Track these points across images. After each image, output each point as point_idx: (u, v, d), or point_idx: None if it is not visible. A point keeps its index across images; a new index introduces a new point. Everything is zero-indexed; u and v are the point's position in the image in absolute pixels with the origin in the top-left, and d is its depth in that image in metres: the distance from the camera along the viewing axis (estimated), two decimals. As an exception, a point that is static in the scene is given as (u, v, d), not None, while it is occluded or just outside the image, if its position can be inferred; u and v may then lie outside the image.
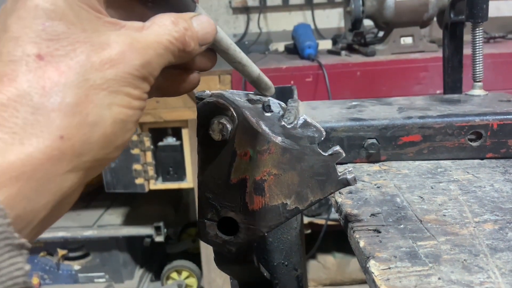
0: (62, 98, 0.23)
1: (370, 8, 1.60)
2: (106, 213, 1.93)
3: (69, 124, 0.23)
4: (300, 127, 0.37)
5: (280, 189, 0.38)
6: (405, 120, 0.55)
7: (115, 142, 0.26)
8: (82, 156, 0.24)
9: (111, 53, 0.25)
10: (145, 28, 0.28)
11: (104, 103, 0.25)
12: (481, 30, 0.67)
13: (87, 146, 0.24)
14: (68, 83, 0.24)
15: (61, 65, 0.24)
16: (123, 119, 0.26)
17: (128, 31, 0.27)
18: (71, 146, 0.24)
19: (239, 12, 2.26)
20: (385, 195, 0.47)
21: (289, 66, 1.56)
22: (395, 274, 0.32)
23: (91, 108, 0.24)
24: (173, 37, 0.28)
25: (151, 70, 0.27)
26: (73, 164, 0.24)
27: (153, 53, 0.27)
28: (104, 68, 0.25)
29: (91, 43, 0.25)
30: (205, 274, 1.78)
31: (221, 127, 0.35)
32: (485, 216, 0.41)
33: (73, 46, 0.24)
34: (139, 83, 0.27)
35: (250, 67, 0.35)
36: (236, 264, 0.43)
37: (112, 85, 0.25)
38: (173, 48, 0.28)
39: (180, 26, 0.28)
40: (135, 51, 0.26)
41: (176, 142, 1.67)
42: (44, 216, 0.24)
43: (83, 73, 0.24)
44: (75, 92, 0.24)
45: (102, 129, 0.25)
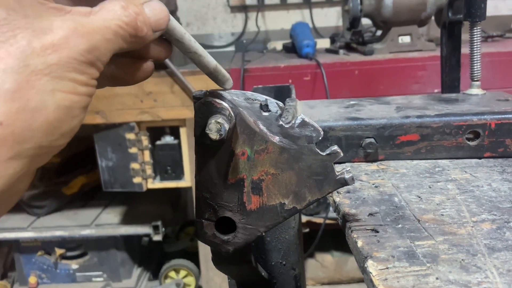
0: (0, 84, 0.23)
1: (368, 6, 1.60)
2: (104, 212, 1.93)
3: (9, 110, 0.23)
4: (298, 126, 0.37)
5: (277, 188, 0.38)
6: (403, 119, 0.55)
7: (61, 129, 0.26)
8: (24, 143, 0.24)
9: (53, 38, 0.25)
10: (92, 13, 0.27)
11: (46, 88, 0.24)
12: (479, 29, 0.67)
13: (29, 132, 0.24)
14: (7, 69, 0.23)
15: (0, 51, 0.23)
16: (67, 105, 0.25)
17: (73, 16, 0.26)
18: (11, 132, 0.23)
19: (237, 10, 2.25)
20: (383, 195, 0.47)
21: (287, 65, 1.56)
22: (393, 274, 0.32)
23: (32, 94, 0.24)
24: (123, 22, 0.28)
25: (99, 55, 0.27)
26: (15, 151, 0.23)
27: (100, 37, 0.26)
28: (46, 53, 0.24)
29: (33, 28, 0.24)
30: (203, 273, 1.78)
31: (218, 127, 0.35)
32: (483, 216, 0.41)
33: (13, 32, 0.24)
34: (85, 69, 0.26)
35: (206, 58, 0.34)
36: (234, 264, 0.43)
37: (55, 71, 0.25)
38: (124, 33, 0.28)
39: (130, 11, 0.28)
40: (80, 35, 0.26)
41: (174, 141, 1.66)
42: None
43: (24, 58, 0.24)
44: (15, 77, 0.23)
45: (44, 115, 0.24)
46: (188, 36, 0.33)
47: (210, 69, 0.35)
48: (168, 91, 1.54)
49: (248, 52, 1.91)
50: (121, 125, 1.59)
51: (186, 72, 1.53)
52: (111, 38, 0.27)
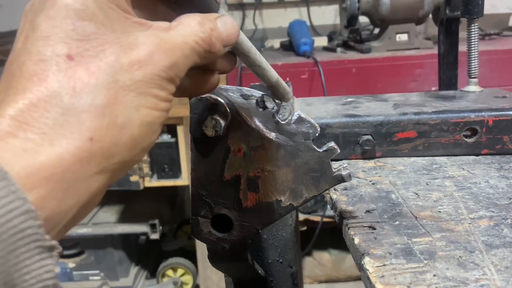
0: (92, 99, 0.23)
1: (365, 4, 1.60)
2: (101, 210, 1.92)
3: (99, 125, 0.23)
4: (294, 123, 0.37)
5: (274, 185, 0.37)
6: (400, 116, 0.55)
7: (142, 144, 0.26)
8: (110, 158, 0.24)
9: (139, 54, 0.25)
10: (171, 28, 0.27)
11: (132, 104, 0.25)
12: (476, 26, 0.66)
13: (116, 148, 0.24)
14: (98, 84, 0.24)
15: (91, 65, 0.24)
16: (150, 121, 0.26)
17: (155, 32, 0.27)
18: (100, 147, 0.23)
19: (234, 8, 2.25)
20: (380, 192, 0.46)
21: (284, 63, 1.56)
22: (390, 271, 0.32)
23: (120, 110, 0.24)
24: (199, 38, 0.28)
25: (178, 72, 0.27)
26: (102, 166, 0.24)
27: (180, 54, 0.27)
28: (133, 69, 0.25)
29: (120, 43, 0.25)
30: (200, 272, 1.77)
31: (214, 123, 0.35)
32: (481, 213, 0.41)
33: (102, 46, 0.24)
34: (166, 85, 0.27)
35: (269, 72, 0.35)
36: (230, 261, 0.43)
37: (140, 87, 0.25)
38: (199, 49, 0.28)
39: (206, 27, 0.28)
40: (162, 52, 0.26)
41: (171, 139, 1.66)
42: (71, 217, 0.24)
43: (113, 74, 0.24)
44: (105, 93, 0.24)
45: (130, 131, 0.25)
46: (254, 49, 0.33)
47: (272, 83, 0.36)
48: (165, 89, 1.53)
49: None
50: (118, 123, 1.58)
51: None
52: (189, 54, 0.27)
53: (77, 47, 0.24)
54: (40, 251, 0.20)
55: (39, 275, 0.20)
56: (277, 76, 0.35)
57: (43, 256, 0.20)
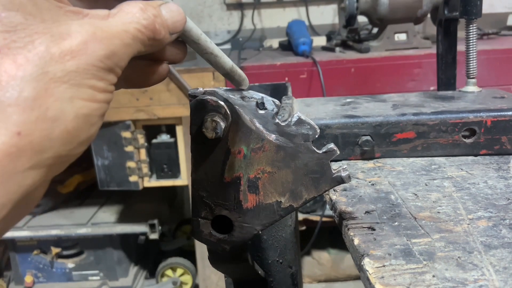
0: (19, 92, 0.22)
1: (364, 4, 1.60)
2: (100, 210, 1.92)
3: (27, 119, 0.22)
4: (294, 124, 0.37)
5: (274, 187, 0.38)
6: (399, 117, 0.55)
7: (79, 138, 0.25)
8: (42, 153, 0.23)
9: (72, 44, 0.24)
10: (110, 16, 0.26)
11: (65, 96, 0.24)
12: (475, 26, 0.67)
13: (48, 142, 0.23)
14: (26, 76, 0.22)
15: (18, 57, 0.23)
16: (86, 113, 0.25)
17: (91, 20, 0.26)
18: (30, 142, 0.22)
19: (233, 8, 2.25)
20: (380, 192, 0.47)
21: (283, 63, 1.56)
22: (390, 272, 0.32)
23: (51, 102, 0.23)
24: (141, 25, 0.27)
25: (117, 61, 0.26)
26: (34, 161, 0.23)
27: (119, 42, 0.26)
28: (65, 60, 0.24)
29: (51, 33, 0.24)
30: (200, 271, 1.78)
31: (214, 125, 0.35)
32: (479, 213, 0.41)
33: (31, 37, 0.23)
34: (104, 75, 0.25)
35: (222, 58, 0.34)
36: (230, 262, 0.43)
37: (74, 78, 0.24)
38: (142, 36, 0.27)
39: (149, 13, 0.27)
40: (98, 41, 0.25)
41: (170, 139, 1.66)
42: (4, 216, 0.23)
43: (42, 65, 0.23)
44: (34, 85, 0.23)
45: (63, 124, 0.24)
46: (204, 37, 0.32)
47: (226, 70, 0.35)
48: (164, 89, 1.54)
49: (244, 50, 1.91)
50: (117, 123, 1.58)
51: (182, 70, 1.52)
52: (130, 43, 0.26)
53: (3, 38, 0.23)
54: None
55: None
56: (231, 63, 0.35)
57: None
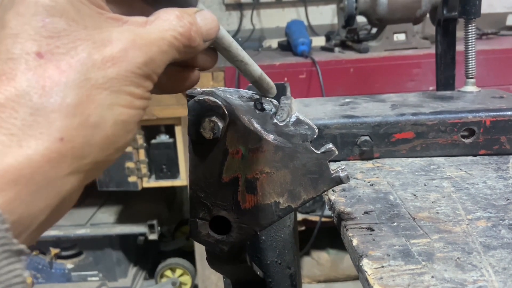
0: (62, 98, 0.23)
1: (363, 4, 1.60)
2: (99, 211, 1.92)
3: (70, 125, 0.23)
4: (292, 124, 0.36)
5: (272, 187, 0.37)
6: (398, 117, 0.55)
7: (116, 144, 0.25)
8: (82, 159, 0.23)
9: (113, 51, 0.24)
10: (148, 23, 0.27)
11: (105, 103, 0.24)
12: (473, 26, 0.67)
13: (88, 148, 0.24)
14: (69, 83, 0.23)
15: (61, 63, 0.23)
16: (124, 120, 0.25)
17: (131, 27, 0.26)
18: (71, 148, 0.23)
19: (232, 8, 2.25)
20: (378, 193, 0.46)
21: (282, 63, 1.56)
22: (388, 272, 0.32)
23: (92, 109, 0.23)
24: (178, 33, 0.27)
25: (155, 68, 0.26)
26: (73, 167, 0.23)
27: (157, 50, 0.26)
28: (106, 67, 0.24)
29: (93, 40, 0.24)
30: (199, 272, 1.77)
31: (212, 125, 0.35)
32: (478, 213, 0.41)
33: (74, 43, 0.23)
34: (142, 82, 0.26)
35: (252, 66, 0.34)
36: (229, 263, 0.43)
37: (114, 84, 0.24)
38: (178, 44, 0.27)
39: (185, 21, 0.28)
40: (138, 48, 0.25)
41: (169, 140, 1.66)
42: (43, 220, 0.23)
43: (85, 71, 0.23)
44: (76, 92, 0.23)
45: (104, 130, 0.24)
46: (235, 44, 0.32)
47: (255, 78, 0.35)
48: (163, 89, 1.53)
49: (244, 50, 1.91)
50: (116, 123, 1.58)
51: (181, 70, 1.52)
52: (167, 50, 0.27)
53: (47, 44, 0.23)
54: (8, 255, 0.20)
55: (7, 279, 0.20)
56: (260, 71, 0.35)
57: (11, 261, 0.20)
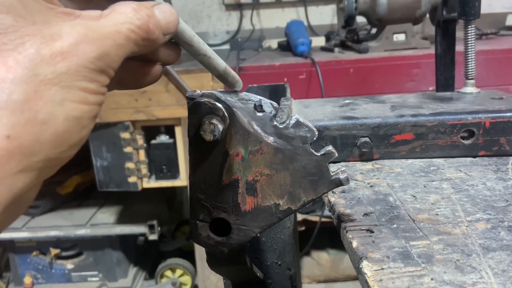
0: (8, 95, 0.22)
1: (363, 4, 1.60)
2: (99, 211, 1.92)
3: (17, 122, 0.22)
4: (292, 127, 0.37)
5: (272, 189, 0.37)
6: (398, 118, 0.55)
7: (70, 140, 0.25)
8: (32, 156, 0.23)
9: (62, 45, 0.24)
10: (103, 16, 0.26)
11: (55, 99, 0.23)
12: (473, 27, 0.67)
13: (38, 145, 0.23)
14: (15, 79, 0.22)
15: (8, 59, 0.22)
16: (77, 116, 0.25)
17: (83, 21, 0.25)
18: (20, 145, 0.22)
19: (232, 8, 2.25)
20: (378, 194, 0.47)
21: (282, 63, 1.56)
22: (388, 274, 0.32)
23: (41, 105, 0.23)
24: (135, 26, 0.27)
25: (110, 62, 0.26)
26: (24, 164, 0.23)
27: (111, 43, 0.25)
28: (55, 62, 0.23)
29: (42, 35, 0.23)
30: (199, 272, 1.78)
31: (212, 128, 0.35)
32: (478, 215, 0.41)
33: (22, 39, 0.23)
34: (96, 76, 0.25)
35: (215, 60, 0.34)
36: (229, 265, 0.43)
37: (65, 80, 0.24)
38: (135, 37, 0.27)
39: (142, 13, 0.27)
40: (90, 42, 0.24)
41: (169, 140, 1.66)
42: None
43: (33, 67, 0.23)
44: (24, 88, 0.22)
45: (54, 127, 0.23)
46: (197, 38, 0.32)
47: (220, 71, 0.35)
48: (163, 90, 1.53)
49: (243, 50, 1.91)
50: (116, 124, 1.58)
51: (181, 70, 1.52)
52: (123, 43, 0.26)
53: None
54: None
55: None
56: (224, 65, 0.34)
57: None
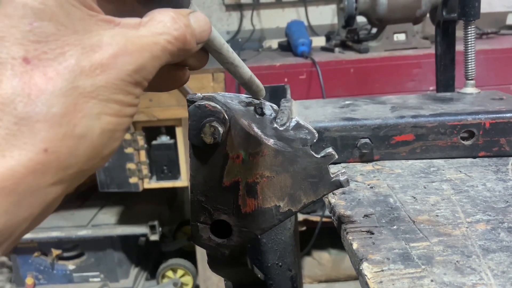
0: (48, 108, 0.22)
1: (363, 4, 1.60)
2: (100, 212, 1.92)
3: (55, 136, 0.22)
4: (292, 129, 0.37)
5: (273, 191, 0.38)
6: (398, 119, 0.55)
7: (102, 153, 0.25)
8: (67, 169, 0.23)
9: (102, 57, 0.24)
10: (142, 24, 0.26)
11: (93, 112, 0.23)
12: (473, 28, 0.67)
13: (73, 159, 0.23)
14: (55, 91, 0.22)
15: (48, 70, 0.22)
16: (111, 129, 0.25)
17: (123, 30, 0.25)
18: (56, 159, 0.22)
19: (232, 9, 2.25)
20: (378, 196, 0.47)
21: (282, 64, 1.56)
22: (388, 276, 0.32)
23: (79, 119, 0.23)
24: (172, 37, 0.26)
25: (146, 75, 0.26)
26: (58, 177, 0.23)
27: (148, 55, 0.25)
28: (95, 74, 0.23)
29: (82, 45, 0.23)
30: (200, 272, 1.78)
31: (212, 130, 0.35)
32: (478, 216, 0.41)
33: (62, 49, 0.23)
34: (132, 89, 0.25)
35: (242, 69, 0.34)
36: (230, 266, 0.43)
37: (103, 93, 0.24)
38: (172, 48, 0.27)
39: (180, 23, 0.27)
40: (128, 54, 0.24)
41: (170, 141, 1.66)
42: (24, 229, 0.23)
43: (72, 79, 0.23)
44: (63, 101, 0.22)
45: (90, 140, 0.24)
46: (226, 46, 0.32)
47: (245, 80, 0.35)
48: (164, 90, 1.53)
49: (244, 50, 1.91)
50: (117, 125, 1.58)
51: (181, 71, 1.52)
52: (159, 55, 0.26)
53: (34, 49, 0.22)
54: None
55: None
56: (250, 73, 0.35)
57: None
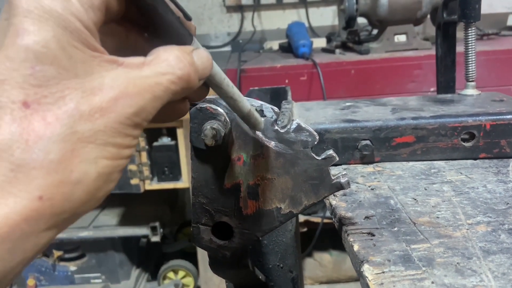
0: (45, 154, 0.22)
1: (363, 6, 1.60)
2: (101, 213, 1.92)
3: (51, 183, 0.22)
4: (293, 131, 0.37)
5: (274, 193, 0.38)
6: (399, 121, 0.55)
7: (97, 196, 0.24)
8: (61, 215, 0.23)
9: (102, 100, 0.23)
10: (146, 64, 0.25)
11: (90, 157, 0.23)
12: (473, 30, 0.67)
13: (68, 204, 0.23)
14: (53, 137, 0.22)
15: (48, 114, 0.22)
16: (108, 172, 0.24)
17: (126, 70, 0.25)
18: (50, 206, 0.22)
19: (233, 10, 2.25)
20: (379, 197, 0.47)
21: (283, 65, 1.56)
22: (389, 278, 0.33)
23: (75, 164, 0.23)
24: (176, 76, 0.26)
25: (145, 116, 0.25)
26: (51, 223, 0.23)
27: (149, 97, 0.25)
28: (94, 118, 0.23)
29: (83, 89, 0.23)
30: (201, 274, 1.78)
31: (214, 133, 0.35)
32: (478, 218, 0.41)
33: (62, 93, 0.23)
34: (130, 131, 0.25)
35: (241, 103, 0.34)
36: (231, 268, 0.43)
37: (101, 137, 0.23)
38: (175, 88, 0.26)
39: (185, 62, 0.26)
40: (129, 97, 0.24)
41: (171, 142, 1.66)
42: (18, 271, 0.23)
43: (71, 124, 0.22)
44: (61, 147, 0.22)
45: (86, 185, 0.23)
46: (227, 81, 0.32)
47: (244, 113, 0.35)
48: (165, 92, 1.54)
49: (244, 52, 1.91)
50: (118, 126, 1.59)
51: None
52: (161, 95, 0.25)
53: (34, 93, 0.22)
54: None
55: None
56: (249, 108, 0.35)
57: None
